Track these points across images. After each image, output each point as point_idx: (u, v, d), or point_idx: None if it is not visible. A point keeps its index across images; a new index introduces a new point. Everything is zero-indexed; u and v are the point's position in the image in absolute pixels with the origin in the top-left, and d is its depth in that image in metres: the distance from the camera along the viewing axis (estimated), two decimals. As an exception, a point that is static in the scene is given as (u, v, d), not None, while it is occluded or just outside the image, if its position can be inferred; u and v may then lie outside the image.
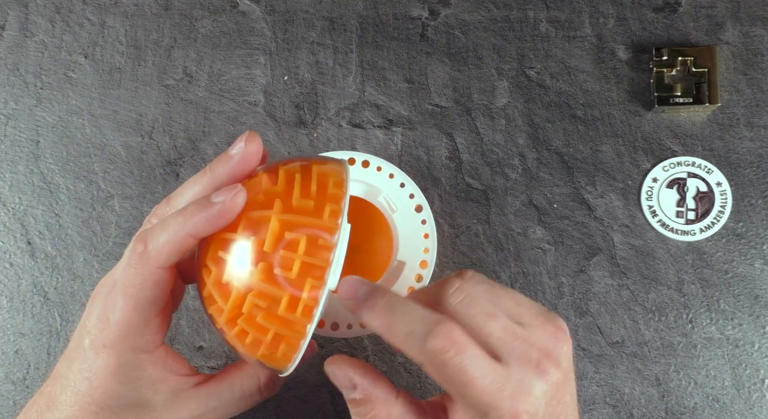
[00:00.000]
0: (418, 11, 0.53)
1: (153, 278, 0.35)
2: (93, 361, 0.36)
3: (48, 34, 0.53)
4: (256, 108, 0.52)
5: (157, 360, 0.37)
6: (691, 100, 0.50)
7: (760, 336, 0.49)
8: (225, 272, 0.34)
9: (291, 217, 0.34)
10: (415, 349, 0.32)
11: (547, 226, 0.50)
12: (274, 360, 0.35)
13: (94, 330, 0.36)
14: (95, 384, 0.36)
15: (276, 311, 0.33)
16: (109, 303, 0.36)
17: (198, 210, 0.34)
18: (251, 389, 0.39)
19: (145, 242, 0.35)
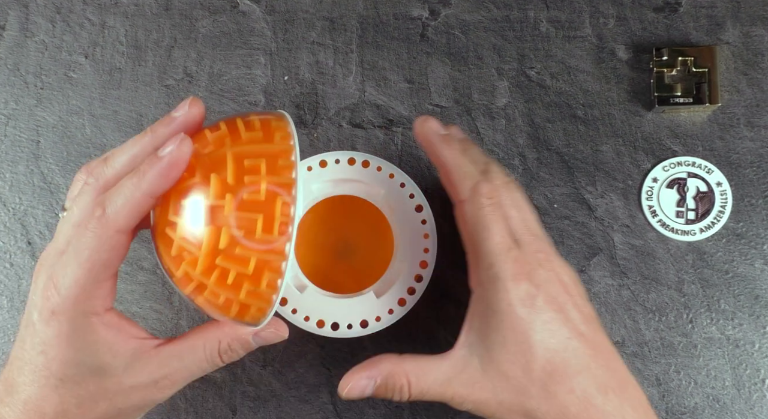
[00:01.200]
0: (418, 11, 0.53)
1: (110, 242, 0.35)
2: (44, 332, 0.35)
3: (48, 34, 0.53)
4: (256, 108, 0.52)
5: (110, 322, 0.37)
6: (691, 100, 0.50)
7: (761, 335, 0.49)
8: (191, 218, 0.34)
9: (244, 148, 0.35)
10: (466, 185, 0.39)
11: (547, 226, 0.50)
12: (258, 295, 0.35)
13: (40, 301, 0.35)
14: (51, 355, 0.35)
15: (254, 237, 0.33)
16: (58, 270, 0.35)
17: (149, 167, 0.34)
18: (212, 351, 0.39)
19: (103, 206, 0.35)
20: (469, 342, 0.39)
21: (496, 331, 0.37)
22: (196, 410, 0.50)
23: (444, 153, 0.40)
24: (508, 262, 0.38)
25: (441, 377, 0.38)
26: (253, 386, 0.50)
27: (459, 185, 0.39)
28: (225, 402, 0.50)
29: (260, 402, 0.50)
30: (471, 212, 0.39)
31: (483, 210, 0.38)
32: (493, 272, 0.37)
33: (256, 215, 0.33)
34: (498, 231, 0.38)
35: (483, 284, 0.38)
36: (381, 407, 0.49)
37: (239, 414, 0.50)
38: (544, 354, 0.37)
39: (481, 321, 0.38)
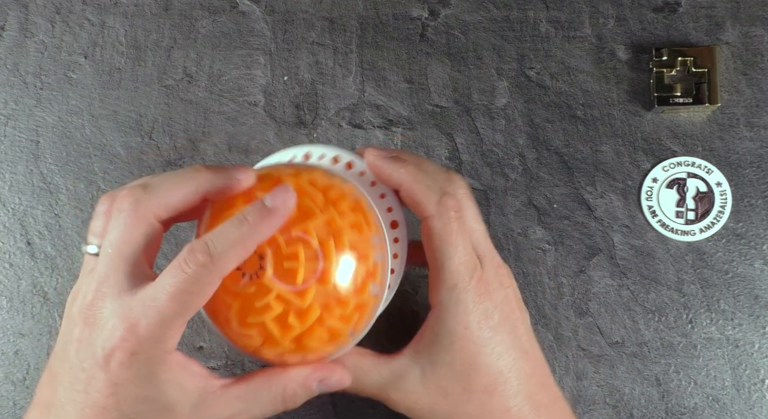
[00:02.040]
0: (418, 11, 0.53)
1: (212, 289, 0.34)
2: (119, 374, 0.34)
3: (48, 34, 0.53)
4: (256, 108, 0.52)
5: (180, 360, 0.36)
6: (690, 101, 0.50)
7: (760, 336, 0.49)
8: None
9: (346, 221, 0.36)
10: (431, 200, 0.38)
11: (547, 226, 0.50)
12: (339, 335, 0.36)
13: (114, 341, 0.34)
14: (123, 395, 0.34)
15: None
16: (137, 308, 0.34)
17: (260, 218, 0.34)
18: (277, 396, 0.38)
19: (208, 252, 0.34)
20: (416, 352, 0.39)
21: (445, 350, 0.38)
22: (195, 410, 0.50)
23: (400, 172, 0.38)
24: (471, 283, 0.38)
25: (379, 381, 0.39)
26: (253, 386, 0.50)
27: (423, 202, 0.38)
28: (225, 403, 0.50)
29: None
30: (438, 227, 0.38)
31: (450, 226, 0.38)
32: (455, 294, 0.37)
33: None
34: (464, 248, 0.38)
35: (443, 304, 0.38)
36: (381, 407, 0.49)
37: None
38: (488, 375, 0.38)
39: (433, 338, 0.38)
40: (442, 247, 0.37)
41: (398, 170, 0.38)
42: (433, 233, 0.38)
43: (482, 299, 0.38)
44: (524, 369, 0.39)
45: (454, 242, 0.37)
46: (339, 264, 0.35)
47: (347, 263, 0.36)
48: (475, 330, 0.37)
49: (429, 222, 0.38)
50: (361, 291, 0.36)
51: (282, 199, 0.34)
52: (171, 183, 0.35)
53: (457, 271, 0.37)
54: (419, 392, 0.38)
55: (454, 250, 0.37)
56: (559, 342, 0.49)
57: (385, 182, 0.39)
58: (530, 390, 0.39)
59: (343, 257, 0.35)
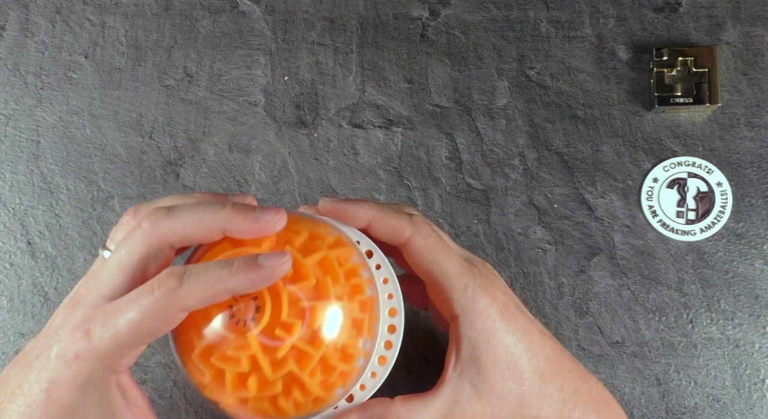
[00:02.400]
0: (418, 11, 0.53)
1: (169, 317, 0.33)
2: (58, 371, 0.33)
3: (48, 34, 0.53)
4: (256, 108, 0.52)
5: (124, 385, 0.35)
6: (691, 101, 0.50)
7: (761, 336, 0.49)
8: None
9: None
10: (404, 222, 0.38)
11: (547, 226, 0.50)
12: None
13: (67, 339, 0.34)
14: (54, 396, 0.34)
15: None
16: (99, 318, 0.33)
17: (245, 269, 0.33)
18: None
19: (180, 279, 0.33)
20: (458, 372, 0.38)
21: (487, 352, 0.37)
22: (196, 410, 0.50)
23: (364, 208, 0.38)
24: (478, 279, 0.38)
25: (436, 415, 0.38)
26: (253, 386, 0.50)
27: (398, 226, 0.38)
28: (225, 403, 0.50)
29: None
30: (421, 243, 0.38)
31: (433, 237, 0.38)
32: (471, 293, 0.37)
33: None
34: (453, 254, 0.38)
35: (466, 308, 0.38)
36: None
37: None
38: (528, 361, 0.38)
39: (471, 345, 0.38)
40: (437, 258, 0.38)
41: (362, 206, 0.38)
42: (421, 250, 0.38)
43: (492, 291, 0.38)
44: (551, 346, 0.39)
45: (444, 250, 0.38)
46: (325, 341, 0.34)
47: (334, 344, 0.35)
48: (503, 321, 0.37)
49: (412, 242, 0.38)
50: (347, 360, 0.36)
51: (274, 262, 0.33)
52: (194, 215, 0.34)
53: (460, 272, 0.37)
54: (479, 407, 0.38)
55: (448, 256, 0.38)
56: (559, 342, 0.49)
57: (351, 221, 0.38)
58: (569, 364, 0.39)
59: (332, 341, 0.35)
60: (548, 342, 0.39)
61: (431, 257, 0.38)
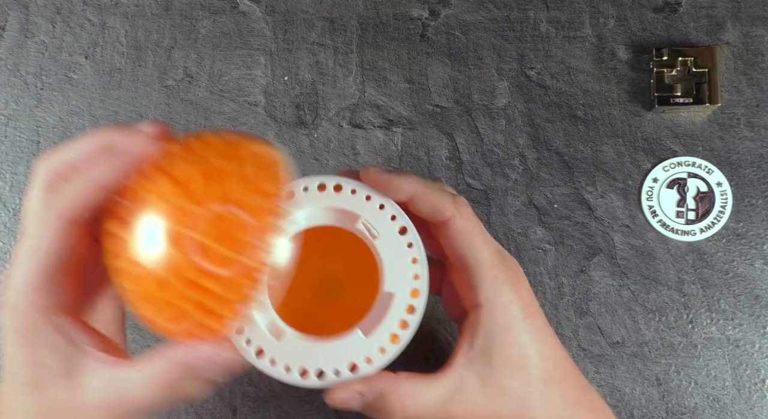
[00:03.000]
0: (418, 12, 0.53)
1: (56, 230, 0.33)
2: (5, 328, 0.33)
3: (48, 34, 0.54)
4: (256, 108, 0.52)
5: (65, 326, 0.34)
6: (691, 101, 0.50)
7: (761, 336, 0.49)
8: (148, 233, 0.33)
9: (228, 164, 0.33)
10: (448, 201, 0.37)
11: (547, 226, 0.50)
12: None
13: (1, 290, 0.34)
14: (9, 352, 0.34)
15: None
16: (14, 261, 0.34)
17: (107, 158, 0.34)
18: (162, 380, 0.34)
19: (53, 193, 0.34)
20: (468, 360, 0.37)
21: (501, 347, 0.37)
22: (196, 410, 0.50)
23: (409, 182, 0.37)
24: (505, 273, 0.37)
25: (438, 398, 0.37)
26: (253, 386, 0.50)
27: (441, 204, 0.37)
28: (225, 403, 0.50)
29: (260, 403, 0.50)
30: (461, 225, 0.37)
31: (472, 221, 0.38)
32: (498, 286, 0.37)
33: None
34: (489, 241, 0.38)
35: (490, 300, 0.37)
36: (381, 407, 0.49)
37: (239, 414, 0.50)
38: (538, 363, 0.37)
39: (488, 337, 0.37)
40: (473, 243, 0.37)
41: (407, 180, 0.38)
42: (460, 232, 0.37)
43: (518, 287, 0.37)
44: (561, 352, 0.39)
45: (481, 236, 0.37)
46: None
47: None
48: (523, 319, 0.37)
49: (453, 222, 0.37)
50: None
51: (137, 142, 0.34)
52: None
53: (493, 263, 0.37)
54: (481, 400, 0.37)
55: (484, 244, 0.37)
56: (559, 342, 0.49)
57: (394, 193, 0.38)
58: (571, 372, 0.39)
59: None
60: (558, 348, 0.39)
61: (468, 241, 0.37)
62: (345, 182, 0.38)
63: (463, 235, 0.37)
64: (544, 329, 0.38)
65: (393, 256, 0.39)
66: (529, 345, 0.37)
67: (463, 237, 0.37)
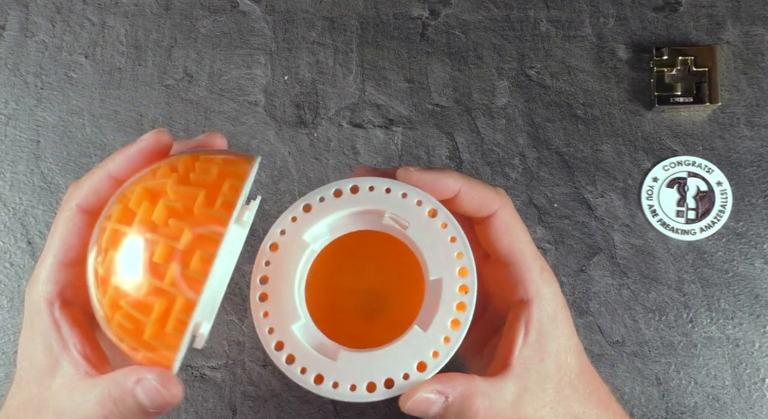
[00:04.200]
0: (418, 11, 0.53)
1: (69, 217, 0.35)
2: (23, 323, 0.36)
3: (48, 34, 0.53)
4: (256, 108, 0.52)
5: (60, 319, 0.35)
6: (691, 100, 0.50)
7: (761, 335, 0.49)
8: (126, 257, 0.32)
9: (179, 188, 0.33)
10: (493, 194, 0.37)
11: (547, 225, 0.50)
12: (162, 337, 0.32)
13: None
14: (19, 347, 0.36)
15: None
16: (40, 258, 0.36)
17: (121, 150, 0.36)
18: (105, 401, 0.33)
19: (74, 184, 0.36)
20: (524, 357, 0.36)
21: (550, 341, 0.36)
22: (196, 410, 0.50)
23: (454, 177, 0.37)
24: (546, 265, 0.37)
25: (511, 399, 0.35)
26: (254, 386, 0.50)
27: (487, 198, 0.37)
28: (225, 402, 0.50)
29: (260, 402, 0.50)
30: (508, 218, 0.37)
31: (515, 214, 0.37)
32: (546, 277, 0.37)
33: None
34: (528, 233, 0.38)
35: (540, 292, 0.37)
36: (381, 407, 0.49)
37: (239, 414, 0.50)
38: (575, 357, 0.37)
39: (540, 331, 0.36)
40: (518, 235, 0.37)
41: (452, 176, 0.37)
42: (507, 224, 0.37)
43: (555, 279, 0.38)
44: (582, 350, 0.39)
45: (524, 229, 0.37)
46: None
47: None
48: (562, 310, 0.37)
49: (500, 214, 0.37)
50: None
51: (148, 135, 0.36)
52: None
53: (538, 256, 0.37)
54: (542, 397, 0.36)
55: (527, 236, 0.37)
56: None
57: (441, 190, 0.37)
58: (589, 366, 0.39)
59: None
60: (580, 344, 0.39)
61: (514, 234, 0.37)
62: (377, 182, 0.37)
63: (509, 228, 0.37)
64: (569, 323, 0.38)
65: (430, 241, 0.36)
66: (572, 338, 0.37)
67: (510, 229, 0.37)
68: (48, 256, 0.35)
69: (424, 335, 0.35)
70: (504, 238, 0.37)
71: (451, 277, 0.36)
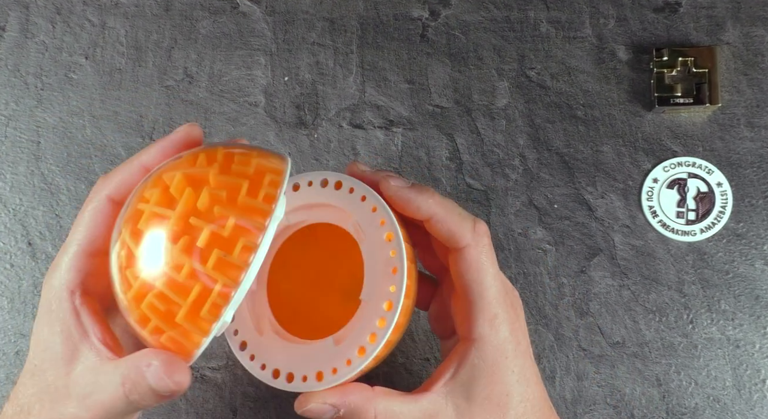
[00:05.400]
0: (418, 12, 0.53)
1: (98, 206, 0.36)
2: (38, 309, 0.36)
3: (48, 35, 0.54)
4: (256, 109, 0.52)
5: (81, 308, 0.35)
6: (691, 101, 0.50)
7: (761, 336, 0.49)
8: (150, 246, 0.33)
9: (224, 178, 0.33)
10: (467, 228, 0.36)
11: (547, 226, 0.50)
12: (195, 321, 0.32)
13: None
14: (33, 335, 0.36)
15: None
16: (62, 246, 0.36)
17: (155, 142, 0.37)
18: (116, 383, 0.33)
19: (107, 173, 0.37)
20: (448, 390, 0.37)
21: (485, 384, 0.36)
22: (196, 411, 0.50)
23: (429, 203, 0.36)
24: (506, 312, 0.37)
25: (419, 417, 0.36)
26: (254, 386, 0.50)
27: (459, 232, 0.36)
28: (225, 403, 0.50)
29: (261, 403, 0.50)
30: (474, 257, 0.36)
31: (486, 253, 0.37)
32: (496, 324, 0.36)
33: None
34: (496, 275, 0.37)
35: (484, 337, 0.36)
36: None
37: (240, 414, 0.50)
38: (517, 404, 0.37)
39: (473, 372, 0.37)
40: (480, 277, 0.36)
41: (427, 201, 0.36)
42: (471, 264, 0.36)
43: (515, 326, 0.37)
44: (541, 395, 0.38)
45: (491, 271, 0.36)
46: None
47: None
48: (512, 358, 0.36)
49: (466, 252, 0.36)
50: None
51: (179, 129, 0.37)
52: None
53: (497, 300, 0.36)
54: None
55: (493, 279, 0.36)
56: (559, 343, 0.49)
57: (411, 212, 0.37)
58: (545, 413, 0.38)
59: None
60: (540, 390, 0.38)
61: (476, 275, 0.36)
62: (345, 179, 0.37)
63: (473, 267, 0.36)
64: (530, 370, 0.38)
65: (375, 262, 0.36)
66: (513, 386, 0.37)
67: (473, 270, 0.36)
68: (72, 244, 0.35)
69: (334, 349, 0.36)
70: (464, 276, 0.37)
71: (377, 305, 0.36)
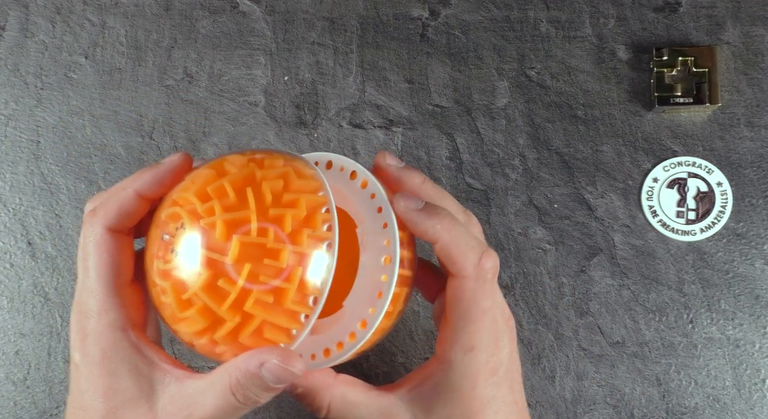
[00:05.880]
0: (418, 11, 0.53)
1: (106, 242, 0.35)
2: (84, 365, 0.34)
3: (48, 34, 0.53)
4: (256, 108, 0.52)
5: (137, 342, 0.35)
6: (691, 101, 0.50)
7: (761, 336, 0.49)
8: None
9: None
10: (471, 261, 0.35)
11: (547, 226, 0.50)
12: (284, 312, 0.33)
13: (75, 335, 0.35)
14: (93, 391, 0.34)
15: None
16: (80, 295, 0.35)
17: (146, 169, 0.36)
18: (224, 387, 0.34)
19: (94, 202, 0.36)
20: (411, 398, 0.37)
21: (445, 405, 0.36)
22: (196, 410, 0.50)
23: (435, 228, 0.36)
24: (489, 346, 0.36)
25: (365, 414, 0.37)
26: (254, 386, 0.50)
27: (462, 262, 0.36)
28: (225, 403, 0.50)
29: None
30: (470, 289, 0.36)
31: (484, 288, 0.36)
32: (471, 356, 0.36)
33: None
34: (488, 309, 0.36)
35: (454, 364, 0.36)
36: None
37: None
38: None
39: (435, 390, 0.36)
40: (470, 310, 0.36)
41: (434, 226, 0.35)
42: (464, 295, 0.36)
43: (493, 358, 0.36)
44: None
45: (483, 307, 0.36)
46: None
47: None
48: (482, 389, 0.36)
49: (463, 283, 0.36)
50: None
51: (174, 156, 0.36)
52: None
53: (478, 334, 0.36)
54: None
55: (483, 315, 0.36)
56: (559, 342, 0.49)
57: (419, 235, 0.36)
58: None
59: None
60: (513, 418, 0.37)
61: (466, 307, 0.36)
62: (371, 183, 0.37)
63: (464, 299, 0.36)
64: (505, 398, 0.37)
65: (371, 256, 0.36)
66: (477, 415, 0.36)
67: (464, 301, 0.36)
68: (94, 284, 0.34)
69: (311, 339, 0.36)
70: (454, 304, 0.36)
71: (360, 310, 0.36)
